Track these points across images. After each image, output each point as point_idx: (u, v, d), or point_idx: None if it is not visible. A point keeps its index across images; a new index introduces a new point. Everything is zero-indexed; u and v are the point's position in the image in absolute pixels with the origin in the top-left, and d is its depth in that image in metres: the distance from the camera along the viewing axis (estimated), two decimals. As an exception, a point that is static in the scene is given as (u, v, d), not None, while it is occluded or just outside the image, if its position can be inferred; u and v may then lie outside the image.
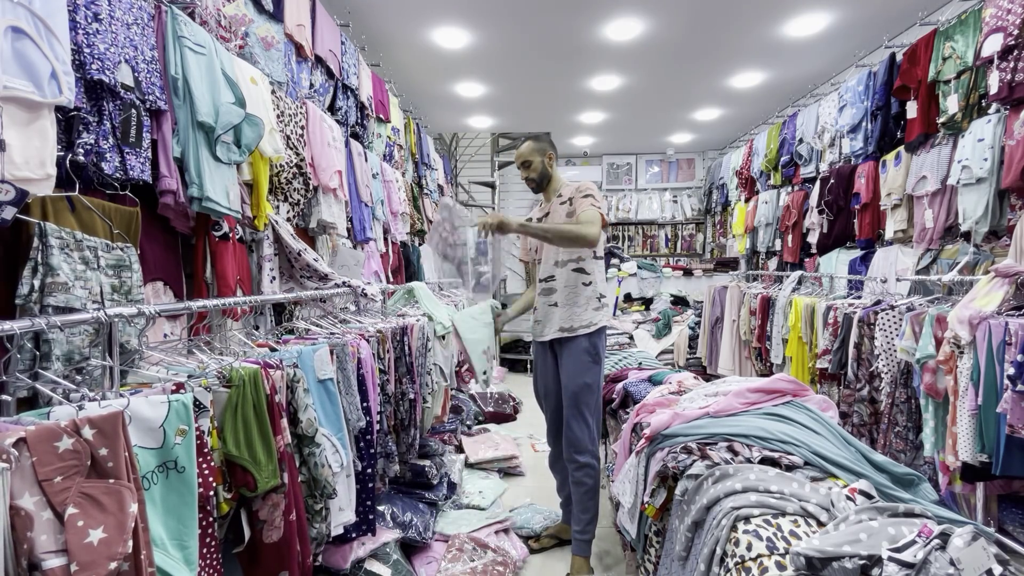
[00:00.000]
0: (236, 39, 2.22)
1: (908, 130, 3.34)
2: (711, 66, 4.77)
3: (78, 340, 1.29)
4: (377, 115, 3.82)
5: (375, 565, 2.11)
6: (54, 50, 1.32)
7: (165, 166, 1.70)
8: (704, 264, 7.18)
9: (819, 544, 1.00)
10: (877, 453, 1.48)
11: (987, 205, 2.81)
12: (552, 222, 2.40)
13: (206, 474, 1.15)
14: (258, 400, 1.33)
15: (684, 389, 2.18)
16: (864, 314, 2.67)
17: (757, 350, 4.01)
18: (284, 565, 1.38)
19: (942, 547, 0.93)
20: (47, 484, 0.81)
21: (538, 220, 2.49)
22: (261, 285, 2.26)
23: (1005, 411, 1.72)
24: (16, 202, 1.19)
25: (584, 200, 2.33)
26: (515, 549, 2.43)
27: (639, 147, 7.87)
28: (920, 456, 2.33)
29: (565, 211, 2.38)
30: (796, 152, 4.70)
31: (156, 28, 1.72)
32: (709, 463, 1.44)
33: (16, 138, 1.25)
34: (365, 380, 1.96)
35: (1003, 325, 1.79)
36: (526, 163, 2.46)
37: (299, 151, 2.54)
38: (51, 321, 1.04)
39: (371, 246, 3.53)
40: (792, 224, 4.77)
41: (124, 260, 1.45)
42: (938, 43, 3.08)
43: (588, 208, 2.29)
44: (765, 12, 3.81)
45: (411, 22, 3.89)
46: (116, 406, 0.97)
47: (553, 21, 3.91)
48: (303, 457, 1.54)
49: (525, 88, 5.19)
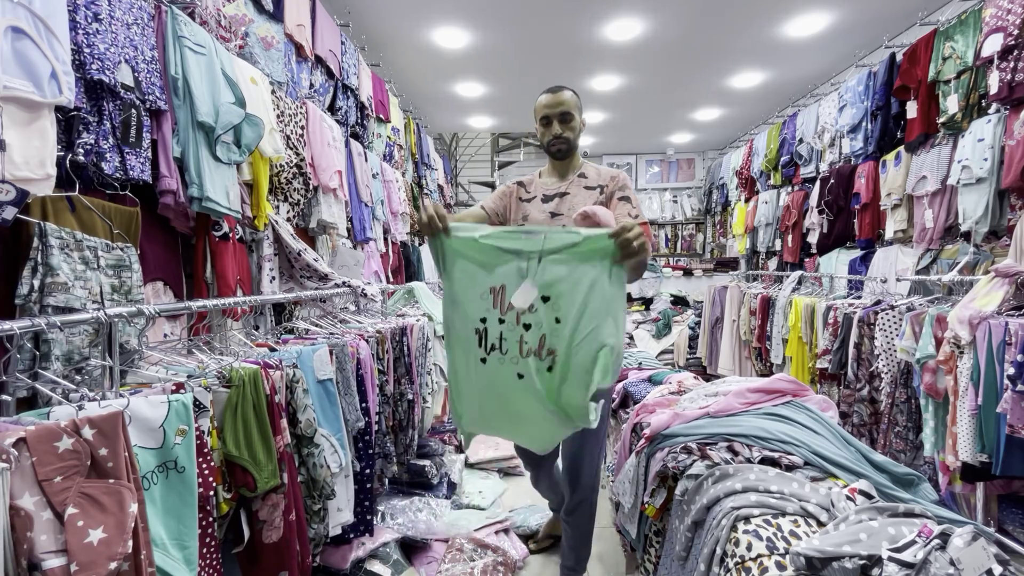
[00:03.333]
0: (236, 39, 2.22)
1: (908, 130, 3.34)
2: (711, 66, 4.77)
3: (78, 340, 1.29)
4: (377, 115, 3.82)
5: (375, 565, 2.11)
6: (54, 50, 1.32)
7: (165, 166, 1.70)
8: (704, 264, 7.19)
9: (819, 544, 1.00)
10: (877, 453, 1.48)
11: (987, 205, 2.81)
12: (572, 208, 1.84)
13: (206, 474, 1.15)
14: (258, 400, 1.33)
15: (684, 389, 2.18)
16: (864, 314, 2.67)
17: (757, 350, 4.02)
18: (283, 565, 1.38)
19: (942, 547, 0.93)
20: (47, 484, 0.81)
21: (547, 199, 1.90)
22: (261, 285, 2.26)
23: (1005, 411, 1.72)
24: (16, 202, 1.19)
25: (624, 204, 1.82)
26: (515, 549, 2.42)
27: (639, 147, 7.87)
28: (920, 456, 2.33)
29: (593, 201, 1.84)
30: (796, 152, 4.70)
31: (156, 28, 1.72)
32: (709, 463, 1.44)
33: (16, 138, 1.26)
34: (364, 380, 1.96)
35: (1003, 325, 1.79)
36: (566, 116, 1.83)
37: (299, 151, 2.54)
38: (51, 321, 1.04)
39: (371, 246, 3.53)
40: (792, 224, 4.77)
41: (124, 260, 1.45)
42: (938, 43, 3.08)
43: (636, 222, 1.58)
44: (765, 12, 3.81)
45: (411, 22, 3.89)
46: (116, 406, 0.97)
47: (553, 21, 3.91)
48: (302, 457, 1.54)
49: (525, 88, 5.19)
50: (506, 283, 1.46)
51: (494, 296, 1.47)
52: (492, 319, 1.47)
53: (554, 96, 1.84)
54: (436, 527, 2.46)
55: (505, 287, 1.46)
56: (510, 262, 1.46)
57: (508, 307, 1.46)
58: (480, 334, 1.49)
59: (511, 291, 1.46)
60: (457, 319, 1.53)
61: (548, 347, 1.46)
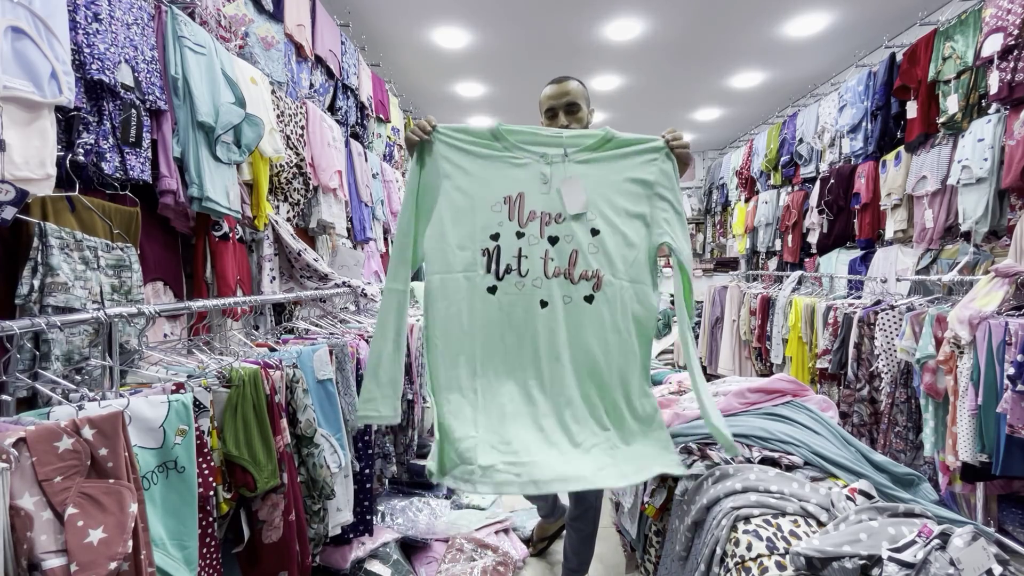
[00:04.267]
0: (236, 39, 2.22)
1: (908, 130, 3.34)
2: (711, 66, 4.77)
3: (78, 340, 1.29)
4: (377, 115, 3.82)
5: (375, 565, 2.11)
6: (54, 50, 1.32)
7: (165, 166, 1.70)
8: (704, 264, 7.18)
9: (819, 544, 0.99)
10: (877, 453, 1.48)
11: (987, 205, 2.81)
12: None
13: (206, 474, 1.15)
14: (258, 400, 1.33)
15: (684, 389, 2.18)
16: (864, 314, 2.67)
17: (757, 350, 4.01)
18: (283, 565, 1.38)
19: (942, 547, 0.93)
20: (47, 484, 0.80)
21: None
22: (261, 285, 2.26)
23: (1005, 411, 1.72)
24: (16, 202, 1.19)
25: None
26: (515, 549, 2.42)
27: (639, 147, 7.86)
28: (920, 456, 2.33)
29: None
30: (796, 152, 4.70)
31: (156, 28, 1.72)
32: (709, 463, 1.44)
33: (16, 138, 1.25)
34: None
35: (1003, 325, 1.79)
36: (572, 107, 1.72)
37: (299, 151, 2.54)
38: (51, 321, 1.04)
39: (371, 246, 3.53)
40: (792, 224, 4.77)
41: (124, 260, 1.45)
42: (938, 43, 3.08)
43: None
44: (765, 12, 3.81)
45: (411, 22, 3.89)
46: (116, 406, 0.97)
47: (553, 21, 3.91)
48: (301, 457, 1.54)
49: (525, 88, 5.19)
50: (524, 190, 1.24)
51: (509, 206, 1.24)
52: (507, 233, 1.23)
53: (559, 86, 1.73)
54: (436, 527, 2.46)
55: (524, 195, 1.24)
56: (527, 165, 1.24)
57: (529, 216, 1.24)
58: (490, 255, 1.23)
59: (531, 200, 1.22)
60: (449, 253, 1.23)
61: (584, 268, 1.21)
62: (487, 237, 1.23)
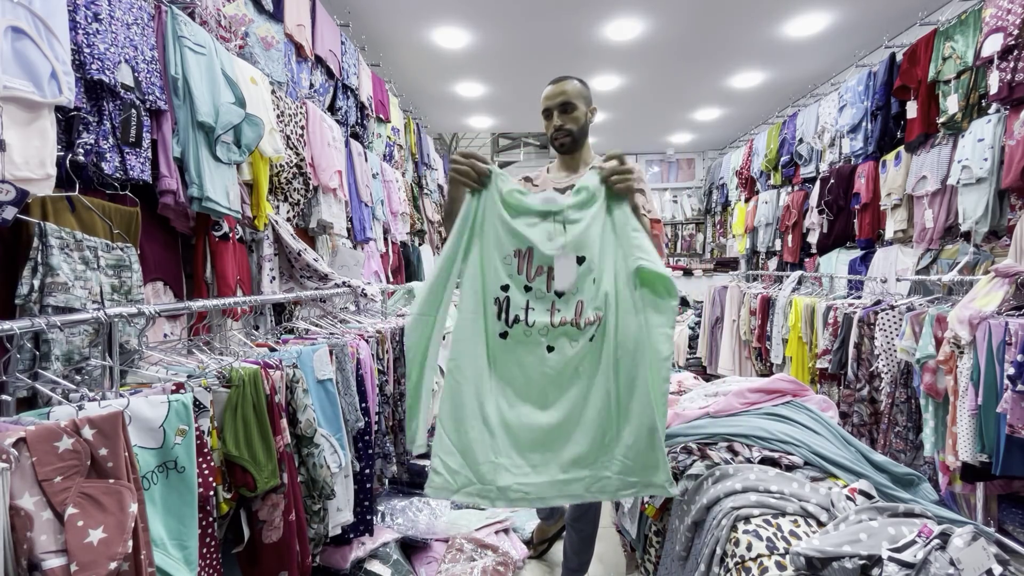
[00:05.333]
0: (236, 39, 2.22)
1: (908, 130, 3.34)
2: (711, 66, 4.77)
3: (78, 340, 1.29)
4: (377, 115, 3.82)
5: (375, 565, 2.11)
6: (54, 50, 1.32)
7: (165, 166, 1.70)
8: (704, 264, 7.19)
9: (819, 544, 1.00)
10: (877, 453, 1.48)
11: (987, 205, 2.81)
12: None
13: (206, 474, 1.15)
14: (258, 400, 1.33)
15: (684, 389, 2.18)
16: (864, 314, 2.67)
17: (757, 350, 4.01)
18: (283, 565, 1.38)
19: (942, 547, 0.93)
20: (47, 484, 0.80)
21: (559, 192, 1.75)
22: (261, 285, 2.26)
23: (1005, 411, 1.72)
24: (16, 202, 1.19)
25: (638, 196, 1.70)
26: (515, 549, 2.42)
27: (639, 147, 7.86)
28: (920, 456, 2.33)
29: None
30: (796, 152, 4.70)
31: (156, 28, 1.72)
32: (709, 463, 1.44)
33: (16, 138, 1.25)
34: (364, 381, 1.96)
35: (1003, 325, 1.79)
36: (567, 106, 1.72)
37: (299, 151, 2.54)
38: (51, 321, 1.04)
39: (371, 246, 3.53)
40: (792, 224, 4.77)
41: (124, 260, 1.45)
42: (938, 43, 3.08)
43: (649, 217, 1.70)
44: (765, 12, 3.81)
45: (411, 22, 3.89)
46: (116, 406, 0.97)
47: (553, 21, 3.91)
48: (301, 457, 1.54)
49: (525, 88, 5.19)
50: (533, 247, 1.29)
51: (519, 260, 1.29)
52: (516, 286, 1.30)
53: (555, 87, 1.74)
54: (436, 527, 2.46)
55: (532, 251, 1.29)
56: (537, 224, 1.30)
57: (536, 272, 1.30)
58: (500, 305, 1.30)
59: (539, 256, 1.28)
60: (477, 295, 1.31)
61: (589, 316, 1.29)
62: (498, 288, 1.31)
